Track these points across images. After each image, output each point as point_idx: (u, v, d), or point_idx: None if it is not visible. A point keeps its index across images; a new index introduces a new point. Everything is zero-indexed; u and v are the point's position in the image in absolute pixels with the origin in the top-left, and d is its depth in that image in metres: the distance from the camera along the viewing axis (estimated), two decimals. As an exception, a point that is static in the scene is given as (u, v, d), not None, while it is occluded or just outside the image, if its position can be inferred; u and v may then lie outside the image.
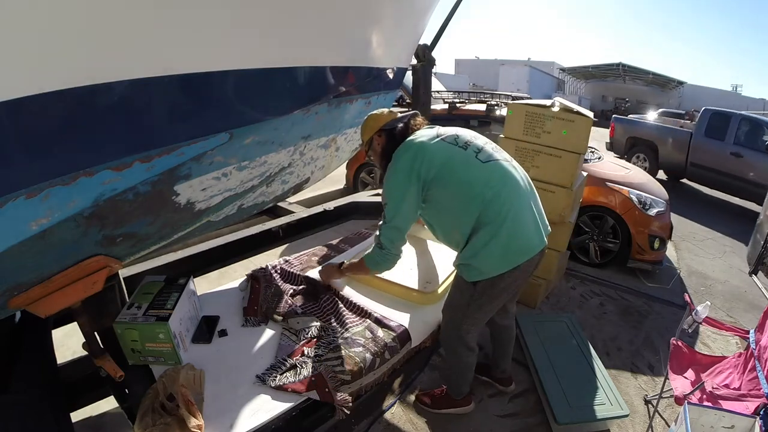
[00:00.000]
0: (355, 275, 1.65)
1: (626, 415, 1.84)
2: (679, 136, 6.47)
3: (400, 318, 1.52)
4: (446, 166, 1.38)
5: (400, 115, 1.55)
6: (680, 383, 1.76)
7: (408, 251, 1.88)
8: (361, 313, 1.52)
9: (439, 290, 1.63)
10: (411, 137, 1.47)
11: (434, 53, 2.60)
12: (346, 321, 1.46)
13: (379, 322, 1.47)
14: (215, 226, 1.45)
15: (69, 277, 0.96)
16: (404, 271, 1.72)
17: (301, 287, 1.65)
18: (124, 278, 1.39)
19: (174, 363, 1.23)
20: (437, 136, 1.45)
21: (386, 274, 1.65)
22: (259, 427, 1.07)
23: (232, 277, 2.32)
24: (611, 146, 7.70)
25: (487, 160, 1.41)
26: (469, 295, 1.43)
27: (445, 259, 1.83)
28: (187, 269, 1.78)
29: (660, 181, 4.83)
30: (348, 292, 1.62)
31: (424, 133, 1.48)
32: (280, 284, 1.66)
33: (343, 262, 1.66)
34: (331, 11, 1.25)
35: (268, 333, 1.42)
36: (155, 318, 1.20)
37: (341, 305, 1.55)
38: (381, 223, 1.43)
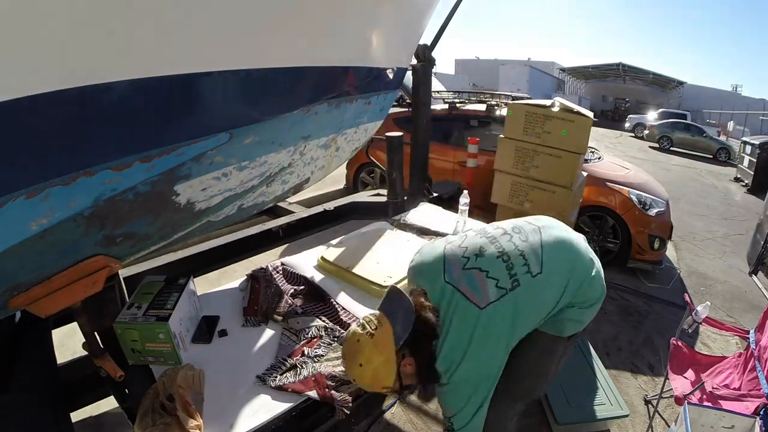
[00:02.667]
0: None
1: (626, 415, 1.85)
2: None
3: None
4: (519, 317, 1.09)
5: (393, 304, 1.07)
6: (680, 383, 1.76)
7: (380, 245, 1.88)
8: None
9: (398, 285, 1.60)
10: (459, 311, 1.06)
11: (434, 53, 2.60)
12: (347, 321, 1.46)
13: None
14: (215, 226, 1.44)
15: (69, 277, 0.96)
16: (372, 265, 1.71)
17: (301, 287, 1.65)
18: (124, 278, 1.39)
19: (174, 363, 1.23)
20: (486, 291, 1.07)
21: (355, 267, 1.67)
22: (259, 427, 1.07)
23: (232, 277, 2.32)
24: None
25: (546, 262, 1.13)
26: (561, 351, 1.26)
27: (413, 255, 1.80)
28: (187, 269, 1.77)
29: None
30: (345, 297, 1.61)
31: (471, 296, 1.07)
32: (280, 284, 1.66)
33: None
34: (330, 11, 1.25)
35: (268, 333, 1.42)
36: (155, 318, 1.20)
37: (342, 306, 1.55)
38: (445, 427, 1.11)
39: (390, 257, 1.77)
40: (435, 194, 2.83)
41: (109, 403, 1.63)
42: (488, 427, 1.16)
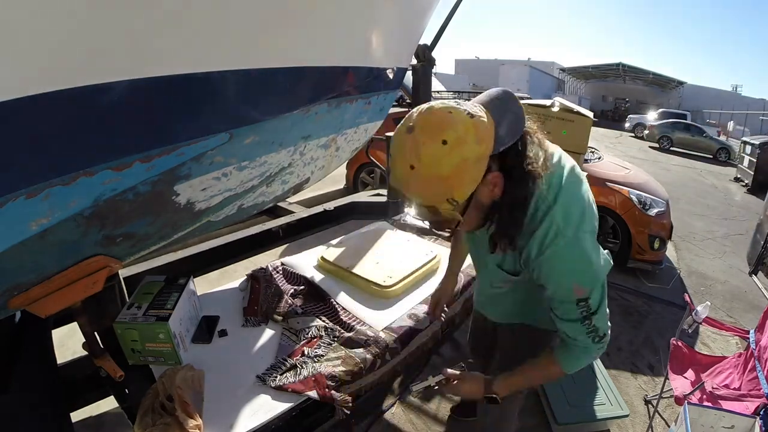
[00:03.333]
0: (522, 384, 1.05)
1: (626, 415, 1.85)
2: None
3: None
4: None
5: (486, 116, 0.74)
6: (680, 383, 1.76)
7: (380, 245, 1.88)
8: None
9: (397, 286, 1.60)
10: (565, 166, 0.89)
11: (434, 53, 2.60)
12: (347, 321, 1.46)
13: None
14: (215, 226, 1.44)
15: (69, 277, 0.96)
16: (372, 265, 1.71)
17: (301, 287, 1.65)
18: (124, 278, 1.39)
19: (174, 363, 1.23)
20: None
21: (355, 267, 1.66)
22: (259, 427, 1.07)
23: (232, 277, 2.32)
24: None
25: None
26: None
27: (414, 254, 1.80)
28: (187, 269, 1.77)
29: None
30: (345, 297, 1.62)
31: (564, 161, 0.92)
32: (280, 284, 1.66)
33: (494, 378, 1.03)
34: (330, 11, 1.25)
35: (268, 333, 1.42)
36: (155, 318, 1.20)
37: (342, 306, 1.55)
38: (581, 314, 0.85)
39: (390, 257, 1.77)
40: (435, 194, 2.83)
41: (109, 403, 1.63)
42: (498, 422, 1.28)
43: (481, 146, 0.69)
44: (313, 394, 1.15)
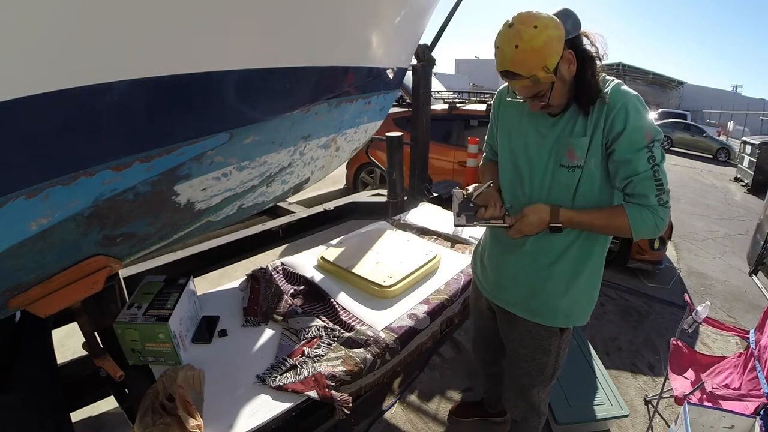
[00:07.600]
0: (585, 221, 1.06)
1: (626, 415, 1.84)
2: None
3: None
4: None
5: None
6: (680, 383, 1.76)
7: (380, 245, 1.88)
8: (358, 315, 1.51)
9: (397, 286, 1.59)
10: None
11: (434, 53, 2.60)
12: (347, 321, 1.46)
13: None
14: (215, 226, 1.45)
15: (69, 277, 0.96)
16: (372, 265, 1.71)
17: (301, 287, 1.65)
18: (124, 278, 1.39)
19: (174, 363, 1.23)
20: None
21: (355, 267, 1.67)
22: (259, 427, 1.07)
23: (232, 277, 2.32)
24: None
25: None
26: (557, 347, 1.23)
27: (414, 254, 1.79)
28: (187, 269, 1.78)
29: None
30: (345, 297, 1.62)
31: None
32: (280, 284, 1.66)
33: (558, 208, 1.07)
34: (330, 11, 1.25)
35: (268, 333, 1.42)
36: (155, 318, 1.20)
37: (342, 306, 1.55)
38: (650, 163, 0.98)
39: (390, 257, 1.77)
40: (435, 194, 2.83)
41: (109, 403, 1.63)
42: (528, 413, 1.39)
43: (559, 30, 0.96)
44: (313, 394, 1.15)
